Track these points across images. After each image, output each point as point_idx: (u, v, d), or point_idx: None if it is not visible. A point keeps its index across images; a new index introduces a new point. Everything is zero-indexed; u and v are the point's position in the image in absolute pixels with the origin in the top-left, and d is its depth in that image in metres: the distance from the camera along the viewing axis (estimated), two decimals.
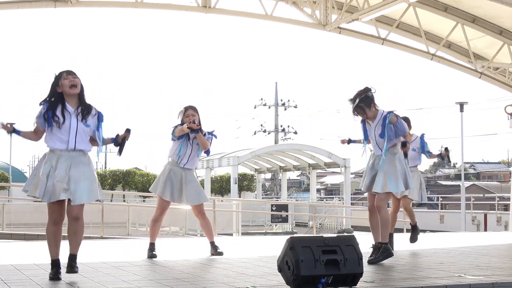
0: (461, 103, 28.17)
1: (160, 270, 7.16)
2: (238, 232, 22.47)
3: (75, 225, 6.38)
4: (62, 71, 6.44)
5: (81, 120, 6.36)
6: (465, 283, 6.07)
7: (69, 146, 6.32)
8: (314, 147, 35.21)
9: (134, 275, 6.67)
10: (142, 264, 7.77)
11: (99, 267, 7.29)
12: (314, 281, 5.55)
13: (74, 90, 6.35)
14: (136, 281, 6.19)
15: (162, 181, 8.64)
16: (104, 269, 7.09)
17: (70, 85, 6.33)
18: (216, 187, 40.58)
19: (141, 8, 15.24)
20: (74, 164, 6.31)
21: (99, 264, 7.55)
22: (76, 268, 6.37)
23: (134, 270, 7.15)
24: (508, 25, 15.69)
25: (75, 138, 6.34)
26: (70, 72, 6.42)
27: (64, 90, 6.36)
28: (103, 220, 18.06)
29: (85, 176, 6.35)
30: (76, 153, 6.36)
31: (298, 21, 16.31)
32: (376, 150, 8.03)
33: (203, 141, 8.54)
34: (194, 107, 8.72)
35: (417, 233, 10.38)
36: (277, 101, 58.10)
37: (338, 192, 61.55)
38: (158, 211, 8.71)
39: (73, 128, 6.32)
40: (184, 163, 8.62)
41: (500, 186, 56.98)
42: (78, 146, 6.36)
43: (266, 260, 8.22)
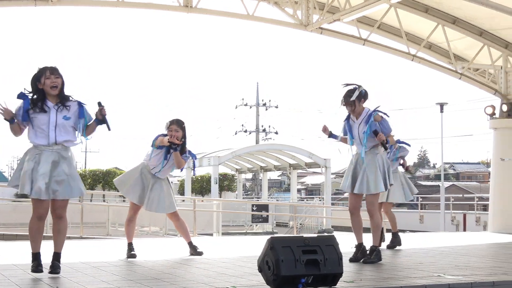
0: (441, 103, 28.30)
1: (139, 270, 7.13)
2: (219, 232, 22.43)
3: (59, 223, 6.50)
4: (46, 67, 6.48)
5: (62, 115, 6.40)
6: (444, 283, 6.10)
7: (50, 140, 6.37)
8: (295, 147, 35.23)
9: (114, 275, 6.64)
10: (121, 264, 7.74)
11: (78, 267, 7.24)
12: (294, 281, 5.55)
13: (55, 91, 6.43)
14: (115, 281, 6.16)
15: (131, 183, 8.59)
16: (83, 269, 7.05)
17: (51, 86, 6.40)
18: (197, 187, 40.49)
19: (122, 8, 15.17)
20: (57, 160, 6.36)
21: (79, 265, 7.50)
22: (58, 269, 6.45)
23: (113, 270, 7.11)
24: (488, 26, 15.79)
25: (55, 131, 6.38)
26: (53, 70, 6.43)
27: (45, 89, 6.41)
28: (82, 220, 17.95)
29: (68, 172, 6.41)
30: (58, 147, 6.40)
31: (279, 21, 16.30)
32: (359, 148, 8.01)
33: (179, 159, 8.51)
34: (179, 122, 8.59)
35: (396, 242, 10.38)
36: (258, 101, 58.09)
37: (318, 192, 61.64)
38: (131, 211, 8.73)
39: (52, 122, 6.38)
40: (156, 172, 8.59)
41: (479, 187, 57.34)
42: (59, 139, 6.40)
43: (246, 260, 8.21)
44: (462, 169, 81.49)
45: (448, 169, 77.64)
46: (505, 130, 16.75)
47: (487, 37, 16.11)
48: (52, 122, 6.39)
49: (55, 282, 6.08)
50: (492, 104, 16.92)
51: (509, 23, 14.77)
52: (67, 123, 6.44)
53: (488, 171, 61.25)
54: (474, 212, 27.81)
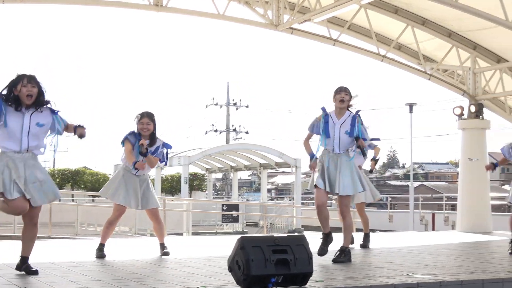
0: (411, 104, 28.46)
1: (109, 270, 7.09)
2: (189, 232, 22.36)
3: (33, 230, 6.59)
4: (23, 75, 6.45)
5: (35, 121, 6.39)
6: (413, 282, 6.14)
7: (22, 146, 6.35)
8: (265, 147, 35.24)
9: (83, 276, 6.59)
10: (90, 264, 7.68)
11: (46, 267, 7.17)
12: (264, 280, 5.55)
13: (30, 100, 6.39)
14: (84, 282, 6.11)
15: (115, 186, 8.55)
16: (52, 270, 6.99)
17: (27, 95, 6.37)
18: (167, 186, 40.34)
19: (91, 6, 15.07)
20: (27, 166, 6.36)
21: (47, 265, 7.43)
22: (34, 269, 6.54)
23: (82, 270, 7.06)
24: (457, 28, 15.93)
25: (28, 138, 6.37)
26: (30, 79, 6.43)
27: (20, 96, 6.39)
28: (51, 219, 17.77)
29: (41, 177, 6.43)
30: (28, 155, 6.40)
31: (250, 21, 16.30)
32: (336, 149, 7.96)
33: (150, 161, 8.52)
34: (150, 115, 8.56)
35: (368, 242, 10.44)
36: (228, 100, 58.05)
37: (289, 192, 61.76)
38: (116, 213, 8.59)
39: (25, 128, 6.35)
40: (137, 171, 8.55)
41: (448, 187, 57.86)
42: (31, 146, 6.39)
43: (216, 260, 8.19)
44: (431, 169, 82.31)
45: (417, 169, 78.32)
46: (473, 131, 16.92)
47: (455, 38, 16.25)
48: (26, 129, 6.36)
49: (24, 282, 6.01)
50: (460, 105, 17.09)
51: (477, 25, 14.92)
52: (40, 129, 6.43)
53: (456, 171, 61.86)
54: (443, 212, 28.04)
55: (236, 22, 16.35)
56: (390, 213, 31.19)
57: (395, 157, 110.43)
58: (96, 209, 23.00)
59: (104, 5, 15.17)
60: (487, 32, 15.29)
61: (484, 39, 16.22)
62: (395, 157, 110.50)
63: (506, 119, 17.57)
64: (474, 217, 16.48)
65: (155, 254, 8.81)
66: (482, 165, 16.71)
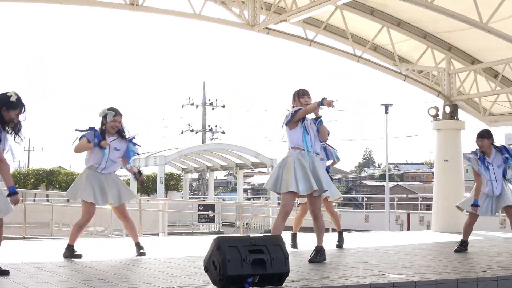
0: (386, 104, 28.61)
1: (84, 271, 7.04)
2: (165, 232, 22.30)
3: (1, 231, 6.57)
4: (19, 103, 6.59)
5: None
6: (388, 282, 6.16)
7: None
8: (241, 147, 35.26)
9: (58, 276, 6.54)
10: (65, 265, 7.63)
11: (21, 268, 7.11)
12: (241, 280, 5.54)
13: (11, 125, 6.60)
14: (59, 282, 6.07)
15: (81, 186, 8.42)
16: (26, 270, 6.93)
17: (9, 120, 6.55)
18: (143, 186, 40.19)
19: (66, 5, 14.97)
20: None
21: (21, 265, 7.36)
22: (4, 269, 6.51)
23: (57, 271, 7.01)
24: (432, 29, 16.04)
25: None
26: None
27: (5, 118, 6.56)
28: (25, 220, 17.63)
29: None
30: None
31: (226, 21, 16.29)
32: (311, 147, 7.79)
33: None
34: (119, 112, 8.57)
35: (342, 241, 10.47)
36: (204, 100, 57.98)
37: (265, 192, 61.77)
38: (86, 216, 8.48)
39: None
40: (102, 168, 8.48)
41: (423, 187, 58.25)
42: None
43: (192, 260, 8.18)
44: (406, 170, 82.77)
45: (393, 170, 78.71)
46: (448, 131, 17.05)
47: (430, 39, 16.36)
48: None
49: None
50: (435, 106, 17.21)
51: (452, 26, 15.03)
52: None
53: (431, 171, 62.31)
54: (418, 212, 28.21)
55: (213, 22, 16.32)
56: (366, 213, 31.34)
57: (370, 157, 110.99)
58: (71, 209, 22.84)
59: (79, 4, 15.07)
60: (462, 33, 15.42)
61: (459, 41, 16.35)
62: (371, 157, 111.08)
63: (480, 120, 17.72)
64: (449, 217, 16.60)
65: (130, 255, 8.77)
66: (457, 166, 16.91)
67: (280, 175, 7.79)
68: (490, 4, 12.84)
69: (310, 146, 7.80)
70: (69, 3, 14.89)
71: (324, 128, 7.93)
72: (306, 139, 7.78)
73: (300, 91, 8.01)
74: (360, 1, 15.40)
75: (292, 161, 7.77)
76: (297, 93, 8.00)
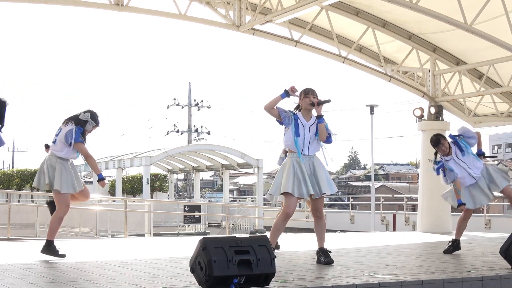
0: (372, 105, 28.67)
1: (69, 272, 7.02)
2: (150, 233, 22.27)
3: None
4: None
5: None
6: (374, 282, 6.18)
7: None
8: (227, 147, 35.23)
9: (43, 277, 6.52)
10: (50, 266, 7.59)
11: (6, 269, 7.08)
12: (227, 281, 5.54)
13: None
14: (44, 284, 6.04)
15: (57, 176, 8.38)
16: (11, 271, 6.89)
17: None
18: (128, 187, 40.10)
19: (51, 5, 14.91)
20: None
21: (6, 267, 7.33)
22: None
23: (42, 272, 6.98)
24: (417, 30, 16.10)
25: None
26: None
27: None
28: (9, 220, 17.54)
29: None
30: None
31: (212, 22, 16.27)
32: (306, 150, 7.72)
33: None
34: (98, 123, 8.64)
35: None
36: (190, 101, 57.87)
37: (251, 192, 61.82)
38: (66, 208, 8.48)
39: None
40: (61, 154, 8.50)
41: (408, 187, 58.46)
42: None
43: (178, 261, 8.16)
44: (392, 170, 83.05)
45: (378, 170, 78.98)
46: (433, 132, 16.99)
47: (415, 40, 16.43)
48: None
49: None
50: (420, 107, 17.26)
51: (436, 27, 15.10)
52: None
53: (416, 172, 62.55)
54: (403, 212, 28.30)
55: (198, 23, 16.30)
56: (352, 214, 31.42)
57: (356, 158, 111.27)
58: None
59: (64, 4, 15.01)
60: (447, 34, 15.49)
61: (443, 42, 16.43)
62: (357, 158, 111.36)
63: (465, 121, 17.79)
64: (434, 217, 16.67)
65: (116, 256, 8.74)
66: None
67: (280, 179, 7.74)
68: (475, 5, 12.91)
69: (301, 149, 7.72)
70: (54, 3, 14.82)
71: (322, 128, 7.78)
72: (297, 142, 7.72)
73: (306, 90, 7.87)
74: (345, 2, 15.43)
75: (291, 165, 7.73)
76: (303, 91, 7.87)
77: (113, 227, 21.80)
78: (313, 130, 7.77)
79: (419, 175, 18.04)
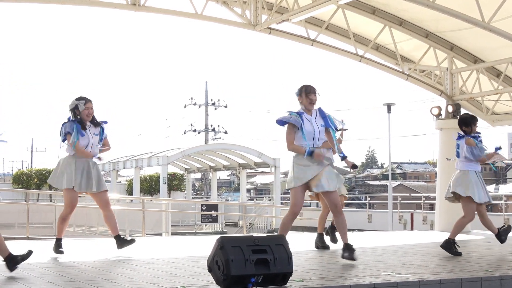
0: (389, 104, 28.60)
1: (87, 271, 7.05)
2: (168, 232, 22.33)
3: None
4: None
5: None
6: (392, 281, 6.17)
7: None
8: (244, 146, 35.26)
9: (61, 276, 6.56)
10: (69, 265, 7.64)
11: (25, 268, 7.12)
12: (244, 280, 5.55)
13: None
14: (63, 282, 6.08)
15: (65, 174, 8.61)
16: (30, 271, 6.94)
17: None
18: (146, 186, 40.20)
19: (68, 5, 14.98)
20: None
21: (25, 266, 7.37)
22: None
23: (61, 271, 7.03)
24: (434, 28, 16.02)
25: None
26: None
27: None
28: (28, 220, 17.64)
29: None
30: None
31: (228, 21, 16.28)
32: (316, 143, 7.77)
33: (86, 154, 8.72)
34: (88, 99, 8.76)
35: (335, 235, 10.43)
36: (207, 100, 57.97)
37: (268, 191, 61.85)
38: (69, 208, 8.67)
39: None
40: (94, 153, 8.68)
41: (426, 186, 58.19)
42: None
43: (196, 260, 8.18)
44: (409, 169, 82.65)
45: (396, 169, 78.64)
46: (450, 131, 16.98)
47: (433, 39, 16.34)
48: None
49: (1, 283, 5.97)
50: (438, 105, 17.17)
51: (454, 25, 15.02)
52: None
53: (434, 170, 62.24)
54: (421, 211, 28.19)
55: (214, 22, 16.32)
56: (369, 213, 31.33)
57: (373, 157, 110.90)
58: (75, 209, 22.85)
59: (81, 4, 15.07)
60: (464, 32, 15.40)
61: (461, 40, 16.33)
62: (374, 157, 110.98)
63: (483, 120, 17.67)
64: (452, 216, 16.47)
65: (134, 255, 8.78)
66: None
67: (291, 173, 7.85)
68: (492, 3, 12.83)
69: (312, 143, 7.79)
70: (71, 3, 14.89)
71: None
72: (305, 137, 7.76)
73: (308, 87, 7.92)
74: (362, 1, 15.38)
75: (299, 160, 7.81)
76: (305, 89, 7.91)
77: (131, 227, 21.87)
78: (320, 122, 7.84)
79: (437, 174, 17.94)
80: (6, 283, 6.07)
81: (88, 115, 8.64)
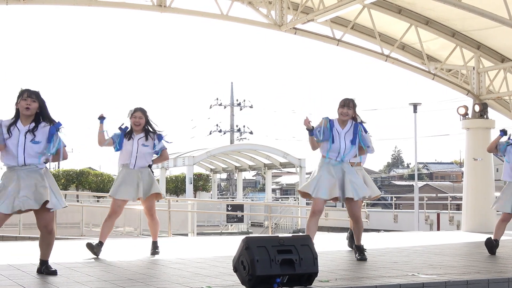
0: (415, 104, 28.41)
1: (114, 271, 7.09)
2: (193, 232, 22.38)
3: (48, 237, 6.71)
4: (25, 90, 6.60)
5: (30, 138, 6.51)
6: (418, 282, 6.14)
7: (19, 161, 6.50)
8: (269, 147, 35.27)
9: (88, 276, 6.60)
10: (96, 265, 7.69)
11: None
12: (270, 280, 5.55)
13: (26, 112, 6.54)
14: (89, 282, 6.12)
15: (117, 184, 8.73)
16: (57, 270, 6.98)
17: (24, 107, 6.52)
18: (171, 187, 40.37)
19: (95, 7, 15.10)
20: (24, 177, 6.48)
21: (52, 265, 7.42)
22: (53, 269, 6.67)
23: (88, 271, 7.07)
24: (460, 27, 15.92)
25: (24, 154, 6.51)
26: (31, 94, 6.56)
27: (19, 109, 6.56)
28: (56, 220, 17.75)
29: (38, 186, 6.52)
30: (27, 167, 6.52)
31: (253, 21, 16.31)
32: (340, 157, 7.95)
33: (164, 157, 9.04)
34: (142, 110, 8.78)
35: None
36: (232, 101, 58.06)
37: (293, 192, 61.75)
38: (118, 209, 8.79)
39: (20, 144, 6.49)
40: (134, 164, 8.66)
41: (452, 186, 57.79)
42: (28, 161, 6.53)
43: (221, 260, 8.20)
44: (436, 169, 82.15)
45: (422, 169, 78.22)
46: (477, 130, 16.90)
47: (459, 38, 16.24)
48: (21, 145, 6.50)
49: (29, 283, 6.03)
50: (464, 105, 17.07)
51: (481, 24, 14.91)
52: (36, 146, 6.54)
53: (461, 170, 61.80)
54: (448, 212, 28.00)
55: (240, 23, 16.36)
56: (395, 213, 31.17)
57: (399, 157, 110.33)
58: (101, 209, 23.00)
59: (107, 6, 15.20)
60: (491, 31, 15.28)
61: (488, 39, 16.21)
62: (400, 157, 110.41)
63: (511, 119, 17.54)
64: (479, 216, 16.46)
65: (160, 255, 8.82)
66: (487, 165, 16.76)
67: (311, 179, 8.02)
68: None
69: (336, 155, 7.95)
70: (98, 5, 15.02)
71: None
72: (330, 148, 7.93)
73: (342, 101, 8.08)
74: (388, 0, 15.34)
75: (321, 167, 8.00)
76: (340, 101, 8.07)
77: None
78: (349, 137, 7.91)
79: (464, 174, 17.82)
80: (33, 282, 6.12)
81: (135, 123, 8.67)
